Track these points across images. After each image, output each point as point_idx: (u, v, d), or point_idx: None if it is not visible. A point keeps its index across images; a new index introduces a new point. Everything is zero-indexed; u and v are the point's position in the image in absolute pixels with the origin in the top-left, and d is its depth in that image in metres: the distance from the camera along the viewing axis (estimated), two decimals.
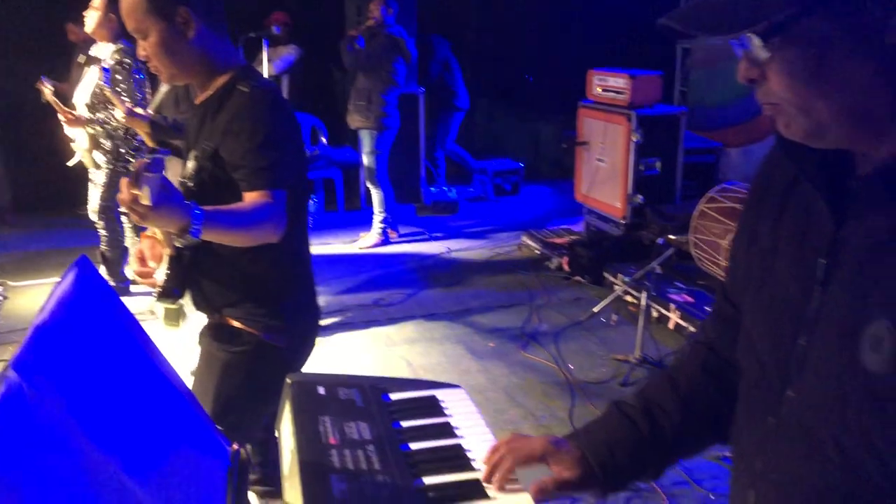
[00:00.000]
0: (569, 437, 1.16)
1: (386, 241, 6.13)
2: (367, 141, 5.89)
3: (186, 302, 1.98)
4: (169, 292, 1.87)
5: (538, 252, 5.80)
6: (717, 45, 6.35)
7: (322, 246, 6.15)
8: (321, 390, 1.37)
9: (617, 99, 5.40)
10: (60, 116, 4.33)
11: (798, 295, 0.90)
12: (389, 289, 5.16)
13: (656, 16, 0.84)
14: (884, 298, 0.79)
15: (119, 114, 3.03)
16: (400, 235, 6.34)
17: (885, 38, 0.73)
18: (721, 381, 1.14)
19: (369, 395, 1.37)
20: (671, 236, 3.94)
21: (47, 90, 4.38)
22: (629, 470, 1.12)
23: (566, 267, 5.34)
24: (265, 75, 5.52)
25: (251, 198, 1.79)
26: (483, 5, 8.65)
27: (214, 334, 2.02)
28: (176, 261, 1.85)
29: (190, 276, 1.90)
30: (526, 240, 6.03)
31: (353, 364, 4.02)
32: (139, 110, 2.92)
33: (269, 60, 6.75)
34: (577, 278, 5.25)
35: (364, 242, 6.11)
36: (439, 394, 1.40)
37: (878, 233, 0.81)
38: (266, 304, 1.98)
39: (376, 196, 6.04)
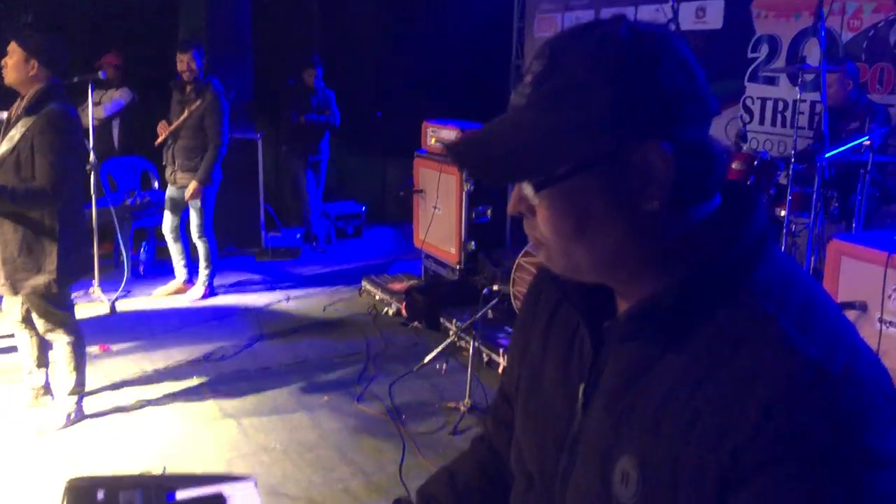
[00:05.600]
0: None
1: (212, 292, 5.96)
2: (196, 198, 5.67)
3: None
4: None
5: (378, 298, 5.86)
6: None
7: (146, 298, 5.91)
8: (100, 495, 1.35)
9: None
10: None
11: (562, 415, 0.95)
12: (222, 341, 5.04)
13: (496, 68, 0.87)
14: (632, 433, 0.84)
15: None
16: (233, 284, 6.22)
17: (641, 206, 0.82)
18: (495, 479, 1.20)
19: (153, 496, 1.36)
20: (495, 287, 4.13)
21: None
22: None
23: (404, 313, 5.44)
24: (89, 119, 5.34)
25: None
26: (335, 43, 8.68)
27: None
28: None
29: None
30: (366, 285, 6.08)
31: (180, 425, 3.89)
32: None
33: (99, 103, 6.53)
34: (415, 324, 5.35)
35: (192, 295, 5.91)
36: (227, 489, 1.41)
37: (630, 367, 0.86)
38: None
39: (202, 249, 5.85)
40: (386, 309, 5.65)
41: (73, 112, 3.61)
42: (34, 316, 3.70)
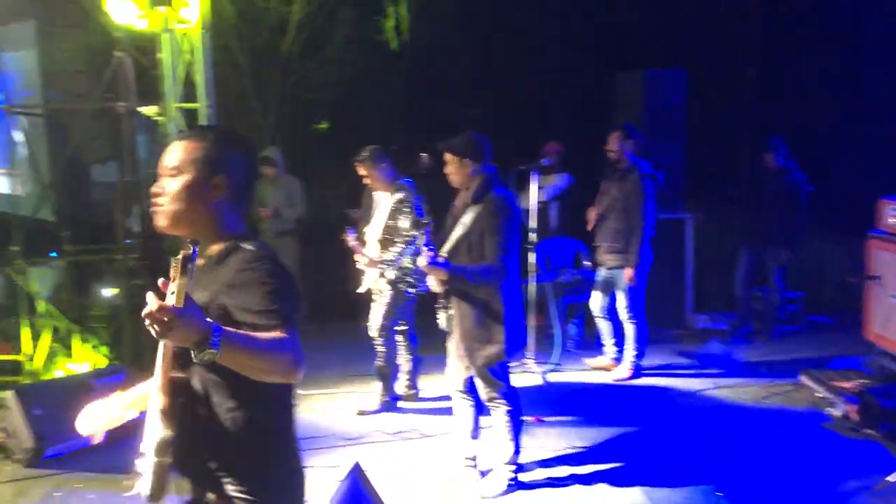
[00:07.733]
0: None
1: (637, 374, 5.90)
2: (622, 278, 5.76)
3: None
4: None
5: (819, 395, 5.24)
6: None
7: (575, 372, 6.09)
8: None
9: None
10: (358, 257, 5.02)
11: None
12: (646, 425, 4.94)
13: None
14: None
15: (420, 261, 3.89)
16: (657, 367, 6.10)
17: None
18: None
19: None
20: None
21: (350, 239, 5.05)
22: None
23: (855, 416, 4.76)
24: (531, 202, 5.79)
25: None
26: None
27: None
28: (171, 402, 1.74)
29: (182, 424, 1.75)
30: (805, 380, 5.48)
31: None
32: (440, 258, 3.78)
33: (541, 188, 7.06)
34: (869, 431, 4.64)
35: (616, 374, 5.94)
36: None
37: None
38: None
39: (630, 330, 5.85)
40: (829, 409, 5.02)
41: (510, 196, 3.96)
42: (479, 384, 4.00)
